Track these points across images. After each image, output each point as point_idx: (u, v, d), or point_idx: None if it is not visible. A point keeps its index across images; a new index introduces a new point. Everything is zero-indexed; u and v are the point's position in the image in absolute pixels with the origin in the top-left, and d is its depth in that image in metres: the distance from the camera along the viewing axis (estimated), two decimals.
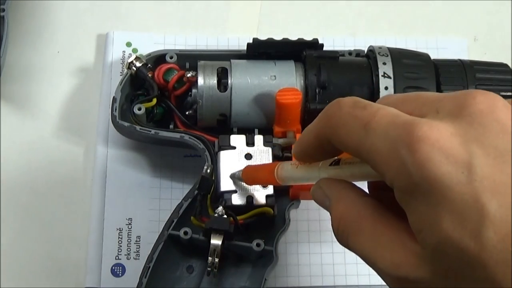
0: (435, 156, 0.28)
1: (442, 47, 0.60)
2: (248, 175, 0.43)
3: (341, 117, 0.32)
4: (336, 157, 0.35)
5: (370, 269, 0.32)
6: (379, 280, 0.53)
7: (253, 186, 0.46)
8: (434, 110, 0.30)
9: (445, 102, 0.30)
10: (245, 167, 0.44)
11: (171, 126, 0.51)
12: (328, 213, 0.35)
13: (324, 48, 0.51)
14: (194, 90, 0.50)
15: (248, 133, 0.49)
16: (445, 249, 0.28)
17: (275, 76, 0.50)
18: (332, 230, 0.34)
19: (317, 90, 0.49)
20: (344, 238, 0.33)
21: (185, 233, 0.46)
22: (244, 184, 0.46)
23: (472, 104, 0.29)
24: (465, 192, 0.27)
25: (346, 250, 0.52)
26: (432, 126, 0.28)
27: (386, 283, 0.32)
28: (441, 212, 0.28)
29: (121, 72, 0.56)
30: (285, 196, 0.48)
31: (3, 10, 0.53)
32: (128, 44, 0.58)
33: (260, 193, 0.46)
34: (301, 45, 0.51)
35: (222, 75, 0.50)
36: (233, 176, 0.46)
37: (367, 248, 0.32)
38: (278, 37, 0.51)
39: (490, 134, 0.28)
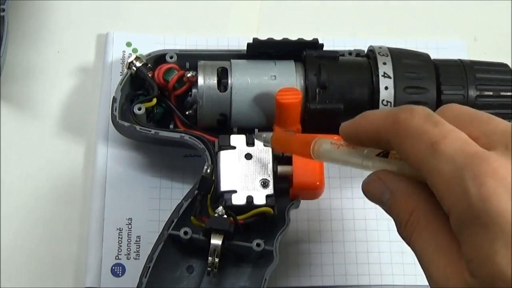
0: (501, 192, 0.29)
1: (442, 47, 0.60)
2: (279, 141, 0.42)
3: (411, 127, 0.32)
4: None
5: (370, 269, 0.32)
6: (379, 280, 0.53)
7: (253, 186, 0.46)
8: (504, 145, 0.31)
9: None
10: (276, 131, 0.43)
11: (171, 126, 0.51)
12: (327, 214, 0.35)
13: (324, 48, 0.51)
14: (194, 90, 0.50)
15: (248, 133, 0.49)
16: (496, 283, 0.28)
17: (275, 76, 0.50)
18: (395, 224, 0.34)
19: (317, 90, 0.49)
20: (410, 233, 0.33)
21: (185, 233, 0.46)
22: (244, 183, 0.46)
23: None
24: None
25: (346, 250, 0.53)
26: (502, 164, 0.29)
27: None
28: (497, 246, 0.28)
29: (121, 72, 0.56)
30: (285, 196, 0.48)
31: (3, 10, 0.53)
32: (128, 44, 0.58)
33: (260, 193, 0.46)
34: (301, 45, 0.51)
35: (222, 75, 0.50)
36: (259, 136, 0.45)
37: (428, 249, 0.32)
38: (278, 37, 0.51)
39: None
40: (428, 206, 0.33)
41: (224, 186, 0.46)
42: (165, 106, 0.51)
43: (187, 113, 0.51)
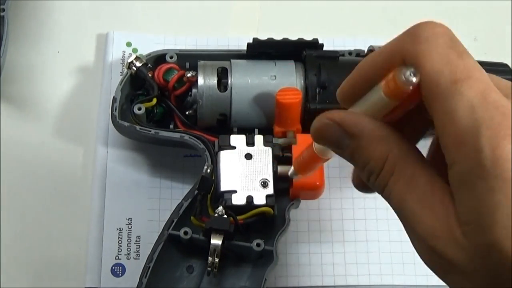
0: None
1: None
2: (298, 167, 0.40)
3: (435, 51, 0.28)
4: None
5: (370, 269, 0.31)
6: (379, 280, 0.53)
7: (253, 185, 0.46)
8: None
9: None
10: (293, 163, 0.40)
11: (171, 126, 0.51)
12: (327, 214, 0.35)
13: (324, 48, 0.51)
14: (194, 90, 0.50)
15: (248, 133, 0.49)
16: (490, 253, 0.27)
17: (275, 76, 0.50)
18: (364, 173, 0.31)
19: (317, 90, 0.49)
20: (384, 183, 0.30)
21: (185, 233, 0.46)
22: (244, 183, 0.46)
23: None
24: None
25: (346, 250, 0.53)
26: None
27: (416, 247, 0.30)
28: (499, 216, 0.26)
29: (121, 72, 0.56)
30: (285, 196, 0.48)
31: (3, 10, 0.53)
32: (128, 44, 0.58)
33: (260, 193, 0.46)
34: (301, 45, 0.51)
35: (222, 75, 0.50)
36: (292, 174, 0.42)
37: (408, 201, 0.29)
38: (278, 37, 0.51)
39: None
40: (403, 151, 0.30)
41: (224, 186, 0.46)
42: (165, 106, 0.51)
43: (187, 113, 0.51)
